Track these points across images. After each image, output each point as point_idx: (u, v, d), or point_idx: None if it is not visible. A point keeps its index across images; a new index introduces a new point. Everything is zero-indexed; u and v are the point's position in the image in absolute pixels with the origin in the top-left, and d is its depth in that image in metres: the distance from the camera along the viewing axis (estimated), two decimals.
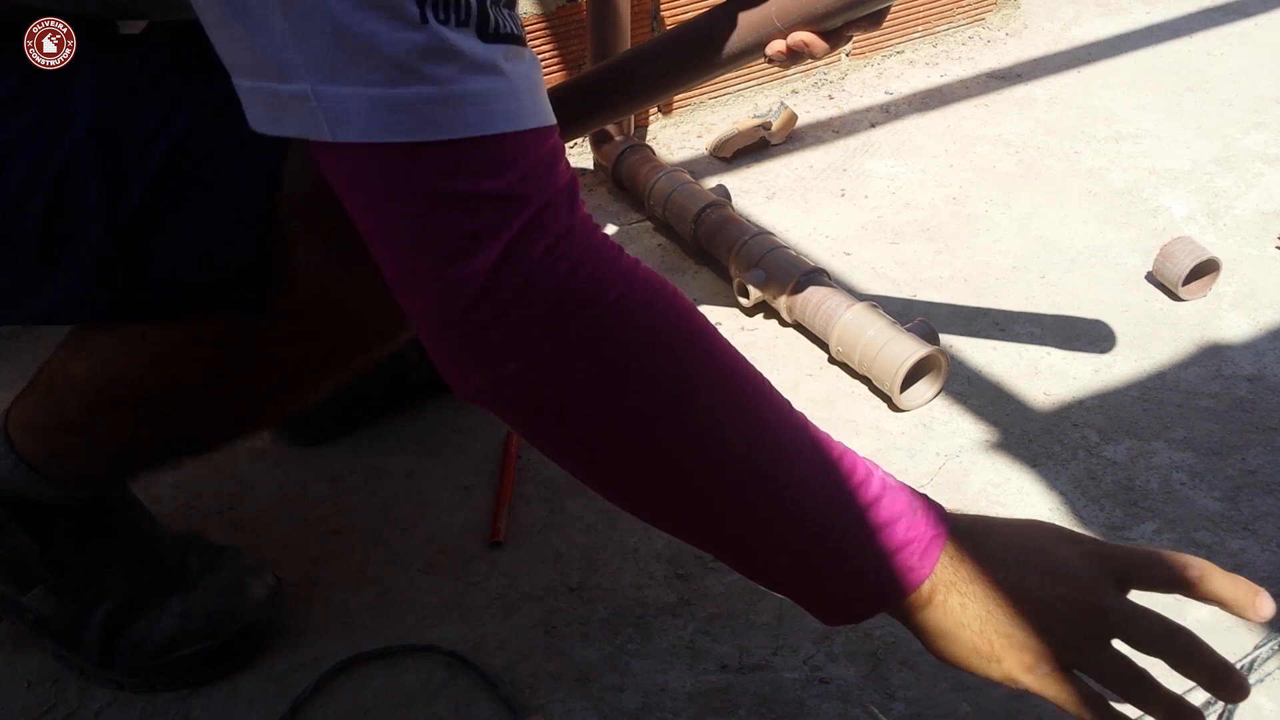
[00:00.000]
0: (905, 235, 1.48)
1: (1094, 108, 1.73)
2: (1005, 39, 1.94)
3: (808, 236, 1.49)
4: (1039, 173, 1.59)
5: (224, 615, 0.96)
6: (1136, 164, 1.60)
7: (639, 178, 1.51)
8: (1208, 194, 1.53)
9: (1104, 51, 1.89)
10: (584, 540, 1.08)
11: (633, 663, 0.96)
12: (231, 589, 0.97)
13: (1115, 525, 1.06)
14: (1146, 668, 0.68)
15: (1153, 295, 1.35)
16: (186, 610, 0.95)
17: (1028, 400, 1.21)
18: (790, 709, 0.92)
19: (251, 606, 0.97)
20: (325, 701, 0.95)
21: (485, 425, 1.21)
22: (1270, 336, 1.28)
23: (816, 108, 1.77)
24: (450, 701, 0.94)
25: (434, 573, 1.06)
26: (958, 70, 1.86)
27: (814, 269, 1.29)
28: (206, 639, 0.95)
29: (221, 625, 0.95)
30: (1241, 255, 1.41)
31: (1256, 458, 1.13)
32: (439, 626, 1.01)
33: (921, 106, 1.76)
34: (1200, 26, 1.96)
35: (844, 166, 1.63)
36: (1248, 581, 0.67)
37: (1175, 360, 1.26)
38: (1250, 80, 1.78)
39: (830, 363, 1.28)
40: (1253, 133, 1.65)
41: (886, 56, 1.88)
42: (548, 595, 1.03)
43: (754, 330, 1.34)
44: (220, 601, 0.96)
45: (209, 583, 0.97)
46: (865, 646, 0.97)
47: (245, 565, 1.00)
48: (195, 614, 0.95)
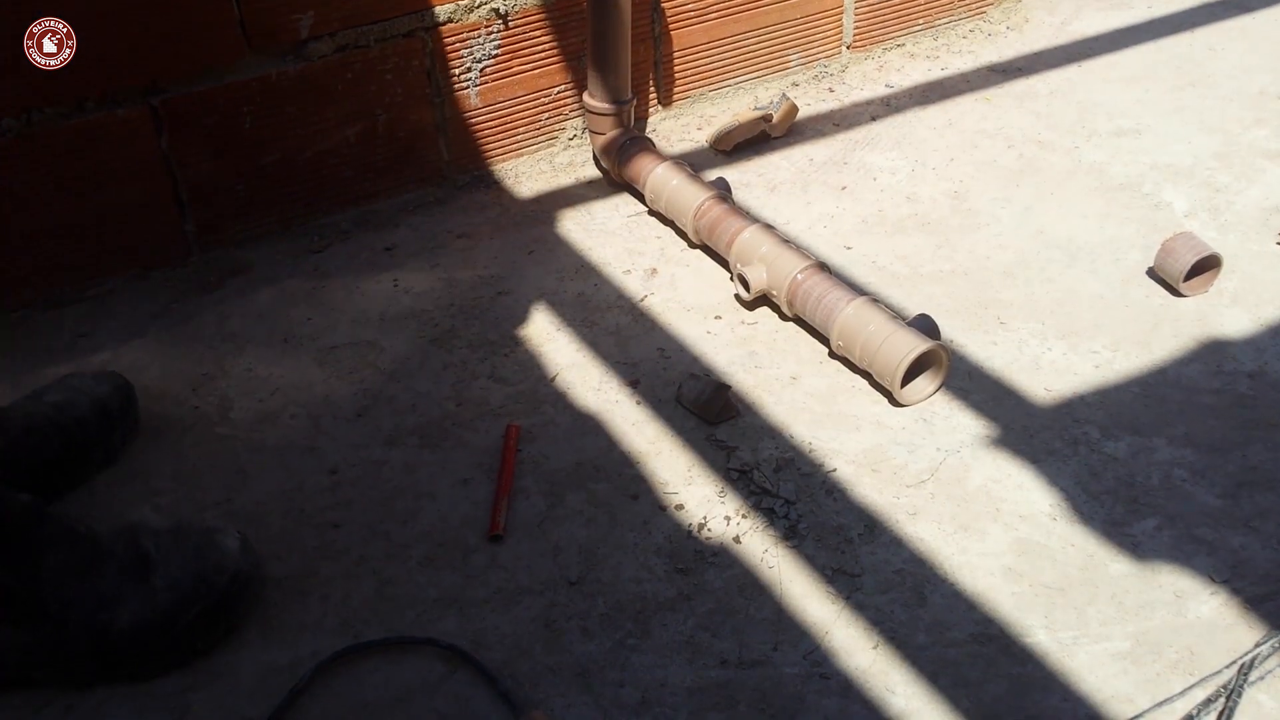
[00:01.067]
0: (906, 229, 1.48)
1: (1095, 102, 1.73)
2: (1006, 33, 1.93)
3: (808, 230, 1.48)
4: (1039, 167, 1.59)
5: (208, 570, 0.97)
6: (1137, 159, 1.59)
7: (639, 170, 1.50)
8: (1209, 189, 1.52)
9: (1105, 46, 1.89)
10: (584, 534, 1.08)
11: (632, 657, 0.96)
12: (205, 548, 0.99)
13: (1116, 521, 1.06)
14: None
15: (1154, 291, 1.35)
16: (171, 581, 0.96)
17: (1028, 396, 1.21)
18: (790, 704, 0.92)
19: (231, 556, 0.99)
20: (324, 695, 0.95)
21: (485, 419, 1.21)
22: (1271, 333, 1.28)
23: (817, 100, 1.77)
24: (449, 695, 0.94)
25: (433, 566, 1.05)
26: (958, 64, 1.85)
27: (815, 263, 1.29)
28: (201, 598, 0.96)
29: (211, 580, 0.97)
30: (1243, 251, 1.41)
31: (1257, 454, 1.13)
32: (438, 620, 1.00)
33: (922, 100, 1.76)
34: (1201, 21, 1.95)
35: (844, 160, 1.63)
36: None
37: (1176, 356, 1.25)
38: (1251, 75, 1.78)
39: (831, 357, 1.28)
40: (1254, 128, 1.65)
41: (887, 50, 1.88)
42: (547, 589, 1.03)
43: (754, 324, 1.33)
44: (200, 561, 0.98)
45: (179, 549, 0.98)
46: (865, 642, 0.97)
47: (204, 526, 1.01)
48: (181, 581, 0.96)
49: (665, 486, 1.12)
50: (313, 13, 1.41)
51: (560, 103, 1.63)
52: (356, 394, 1.25)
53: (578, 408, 1.22)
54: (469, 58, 1.53)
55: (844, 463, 1.14)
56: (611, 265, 1.44)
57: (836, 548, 1.05)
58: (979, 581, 1.01)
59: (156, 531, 1.00)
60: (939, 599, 1.00)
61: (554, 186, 1.60)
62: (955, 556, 1.04)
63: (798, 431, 1.18)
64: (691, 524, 1.08)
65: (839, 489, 1.11)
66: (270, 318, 1.37)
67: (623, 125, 1.56)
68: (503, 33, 1.54)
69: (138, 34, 1.32)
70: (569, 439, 1.18)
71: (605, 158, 1.57)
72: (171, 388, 1.27)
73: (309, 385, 1.27)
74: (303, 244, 1.50)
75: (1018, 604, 0.99)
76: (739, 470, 1.14)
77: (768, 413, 1.20)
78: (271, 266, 1.46)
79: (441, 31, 1.50)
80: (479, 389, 1.25)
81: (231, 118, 1.41)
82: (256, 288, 1.42)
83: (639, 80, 1.66)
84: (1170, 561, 1.02)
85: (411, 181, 1.57)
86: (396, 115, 1.52)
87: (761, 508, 1.09)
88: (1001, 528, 1.06)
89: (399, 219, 1.54)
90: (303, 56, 1.43)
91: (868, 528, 1.07)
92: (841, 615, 0.99)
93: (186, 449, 1.19)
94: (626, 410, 1.22)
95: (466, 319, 1.36)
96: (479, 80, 1.56)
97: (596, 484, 1.13)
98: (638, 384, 1.25)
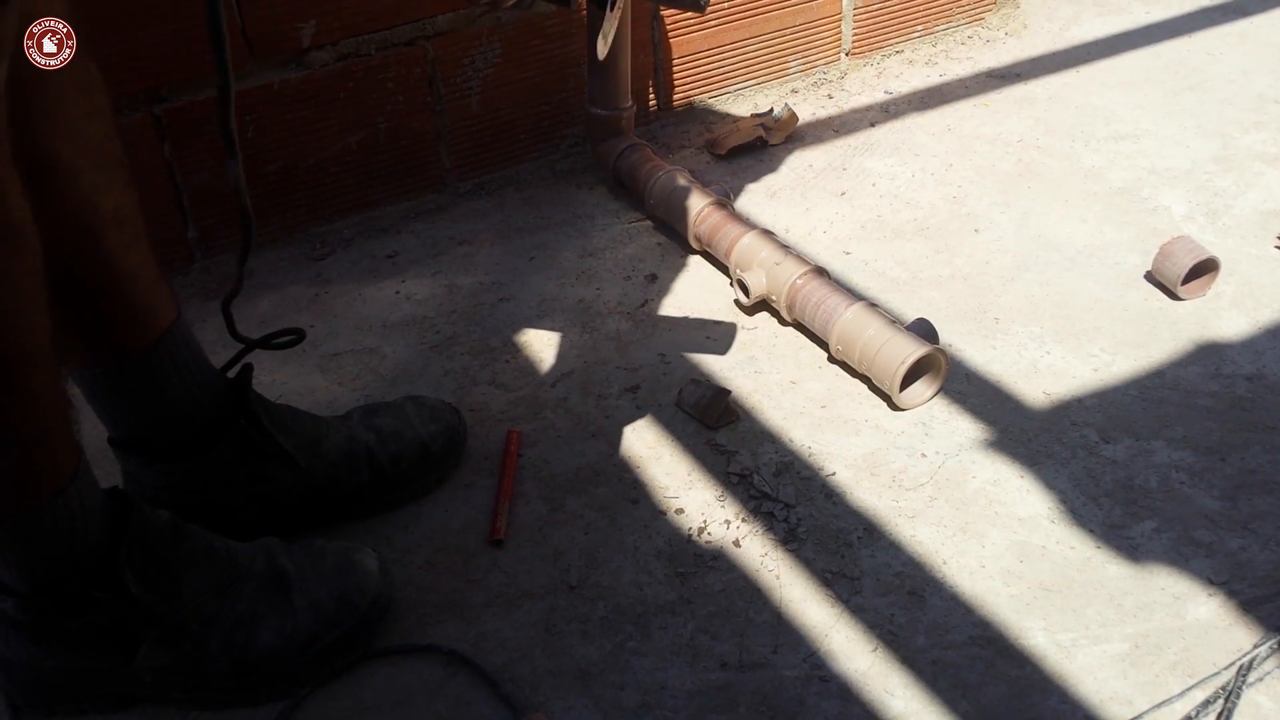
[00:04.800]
0: (905, 234, 1.48)
1: (1093, 107, 1.73)
2: (1004, 38, 1.94)
3: (807, 235, 1.49)
4: (1038, 172, 1.59)
5: (352, 593, 0.97)
6: (1135, 163, 1.60)
7: (639, 176, 1.51)
8: (1207, 193, 1.53)
9: (1103, 51, 1.89)
10: (584, 538, 1.08)
11: (633, 660, 0.97)
12: (346, 568, 0.98)
13: (1114, 524, 1.07)
14: None
15: (1152, 294, 1.36)
16: (311, 601, 0.95)
17: (1027, 399, 1.21)
18: (790, 707, 0.92)
19: (372, 577, 0.99)
20: (325, 699, 0.95)
21: (486, 424, 1.22)
22: (1269, 336, 1.28)
23: (816, 106, 1.77)
24: (450, 699, 0.94)
25: (434, 570, 1.06)
26: (957, 69, 1.86)
27: (814, 268, 1.30)
28: (343, 621, 0.96)
29: (354, 602, 0.96)
30: (1240, 254, 1.41)
31: (1256, 457, 1.13)
32: (439, 624, 1.01)
33: (921, 106, 1.76)
34: (1199, 26, 1.96)
35: (844, 165, 1.63)
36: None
37: (1174, 359, 1.26)
38: (1249, 79, 1.78)
39: (830, 362, 1.28)
40: (1252, 132, 1.65)
41: (886, 56, 1.88)
42: (548, 593, 1.03)
43: (754, 329, 1.34)
44: (342, 582, 0.97)
45: (317, 568, 0.97)
46: (864, 645, 0.97)
47: (342, 545, 1.01)
48: (324, 602, 0.95)
49: (665, 491, 1.13)
50: (315, 22, 1.42)
51: (560, 110, 1.64)
52: (358, 400, 1.25)
53: (578, 413, 1.23)
54: (470, 66, 1.54)
55: (843, 466, 1.14)
56: (612, 271, 1.44)
57: (836, 551, 1.05)
58: (978, 584, 1.02)
59: (292, 549, 0.99)
60: (938, 602, 1.00)
61: (554, 193, 1.61)
62: (954, 559, 1.04)
63: (797, 436, 1.18)
64: (691, 528, 1.09)
65: (838, 493, 1.11)
66: (272, 324, 1.37)
67: (622, 132, 1.57)
68: (503, 41, 1.55)
69: (140, 42, 1.33)
70: (569, 444, 1.19)
71: (605, 164, 1.58)
72: None
73: (311, 392, 1.27)
74: (304, 251, 1.51)
75: (1016, 606, 0.99)
76: (739, 474, 1.14)
77: (767, 417, 1.21)
78: (273, 273, 1.47)
79: (443, 40, 1.51)
80: (480, 395, 1.26)
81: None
82: (258, 295, 1.43)
83: (639, 87, 1.66)
84: (1169, 564, 1.02)
85: (413, 189, 1.58)
86: (398, 123, 1.52)
87: (761, 511, 1.10)
88: (1000, 530, 1.07)
89: (400, 226, 1.55)
90: (305, 65, 1.44)
91: (867, 531, 1.07)
92: (841, 618, 0.99)
93: None
94: (627, 415, 1.22)
95: (468, 325, 1.36)
96: (480, 88, 1.56)
97: (597, 488, 1.13)
98: (638, 389, 1.25)
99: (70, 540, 0.84)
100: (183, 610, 0.90)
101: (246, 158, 1.45)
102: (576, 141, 1.67)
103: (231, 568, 0.94)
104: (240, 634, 0.92)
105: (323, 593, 0.96)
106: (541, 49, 1.58)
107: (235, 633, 0.92)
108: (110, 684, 0.92)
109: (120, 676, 0.91)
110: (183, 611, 0.90)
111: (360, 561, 0.99)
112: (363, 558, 1.00)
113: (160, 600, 0.89)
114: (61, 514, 0.83)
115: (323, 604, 0.95)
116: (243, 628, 0.92)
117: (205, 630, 0.91)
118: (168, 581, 0.90)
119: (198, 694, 0.93)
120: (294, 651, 0.94)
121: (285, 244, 1.51)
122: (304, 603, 0.95)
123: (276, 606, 0.94)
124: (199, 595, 0.91)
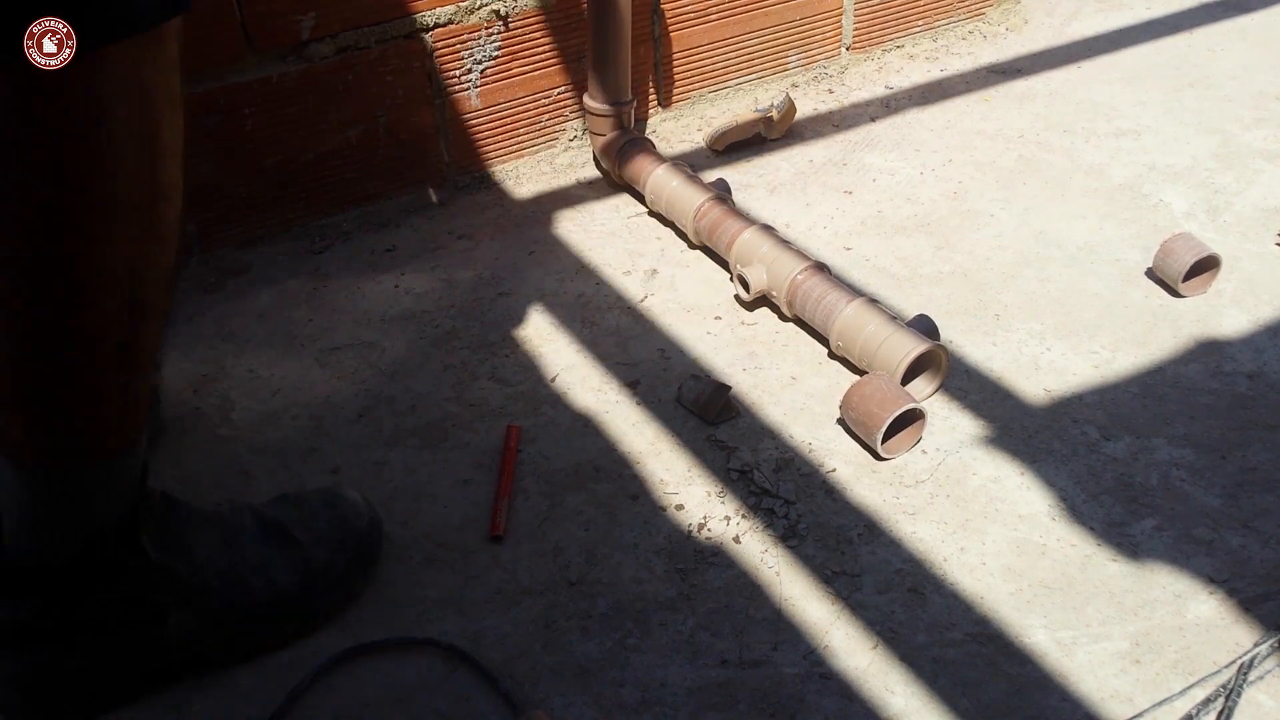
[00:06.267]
0: (905, 230, 1.48)
1: (1094, 103, 1.73)
2: (1005, 34, 1.94)
3: (808, 231, 1.49)
4: (1039, 168, 1.59)
5: (348, 517, 1.02)
6: (1136, 159, 1.60)
7: (639, 171, 1.51)
8: (1208, 190, 1.53)
9: (1104, 47, 1.89)
10: (584, 534, 1.08)
11: (632, 657, 0.96)
12: (333, 501, 1.03)
13: (1115, 522, 1.07)
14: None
15: (1153, 291, 1.35)
16: (316, 535, 0.99)
17: (1027, 396, 1.21)
18: (790, 704, 0.92)
19: (359, 503, 1.04)
20: (324, 695, 0.95)
21: (485, 420, 1.21)
22: (1270, 333, 1.28)
23: (816, 101, 1.77)
24: (449, 695, 0.94)
25: (433, 566, 1.06)
26: (957, 65, 1.86)
27: (814, 263, 1.29)
28: (349, 544, 1.01)
29: (353, 525, 1.02)
30: (1241, 251, 1.41)
31: (1257, 454, 1.13)
32: (438, 620, 1.01)
33: (921, 101, 1.76)
34: (1200, 22, 1.95)
35: (844, 161, 1.63)
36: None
37: (1175, 356, 1.26)
38: (1250, 76, 1.78)
39: (830, 358, 1.28)
40: (1253, 129, 1.65)
41: (886, 51, 1.88)
42: (547, 589, 1.03)
43: (754, 324, 1.34)
44: (334, 512, 1.02)
45: (305, 508, 1.02)
46: (864, 642, 0.97)
47: (320, 487, 1.06)
48: (326, 531, 1.00)
49: (665, 487, 1.13)
50: (314, 14, 1.41)
51: (560, 104, 1.63)
52: (357, 395, 1.25)
53: (578, 408, 1.22)
54: (469, 59, 1.54)
55: (843, 463, 1.14)
56: (611, 266, 1.44)
57: (836, 548, 1.05)
58: (978, 581, 1.02)
59: (268, 505, 1.03)
60: (938, 599, 1.00)
61: (554, 188, 1.61)
62: (954, 556, 1.04)
63: (797, 432, 1.18)
64: (691, 524, 1.08)
65: (838, 489, 1.11)
66: (271, 319, 1.37)
67: (623, 126, 1.56)
68: (503, 34, 1.54)
69: None
70: (569, 440, 1.18)
71: (605, 159, 1.58)
72: (172, 388, 1.27)
73: (310, 386, 1.27)
74: (303, 245, 1.50)
75: (1017, 604, 0.99)
76: (739, 470, 1.14)
77: (767, 413, 1.21)
78: (272, 267, 1.46)
79: (442, 33, 1.50)
80: (479, 390, 1.25)
81: (233, 119, 1.42)
82: (257, 289, 1.42)
83: (639, 81, 1.66)
84: (1169, 561, 1.02)
85: (412, 183, 1.57)
86: (397, 117, 1.52)
87: (761, 508, 1.10)
88: (1000, 528, 1.07)
89: (400, 220, 1.55)
90: (304, 58, 1.43)
91: (867, 528, 1.07)
92: (841, 615, 0.99)
93: (188, 450, 1.20)
94: (626, 411, 1.22)
95: (467, 320, 1.36)
96: (479, 82, 1.56)
97: (597, 484, 1.13)
98: (638, 385, 1.25)
99: (120, 501, 0.87)
100: (202, 569, 0.93)
101: (246, 151, 1.44)
102: (576, 136, 1.66)
103: (227, 525, 0.97)
104: (258, 579, 0.96)
105: (321, 524, 1.00)
106: (541, 43, 1.58)
107: (253, 579, 0.95)
108: (144, 660, 0.93)
109: (154, 650, 0.93)
110: (202, 570, 0.93)
111: (343, 493, 1.04)
112: (343, 490, 1.05)
113: (180, 562, 0.92)
114: (129, 469, 0.87)
115: (326, 534, 1.00)
116: (258, 573, 0.96)
117: (225, 584, 0.94)
118: (180, 545, 0.92)
119: (229, 647, 0.96)
120: (313, 581, 0.98)
121: (284, 238, 1.51)
122: (309, 537, 0.99)
123: (284, 547, 0.98)
124: (211, 552, 0.94)
